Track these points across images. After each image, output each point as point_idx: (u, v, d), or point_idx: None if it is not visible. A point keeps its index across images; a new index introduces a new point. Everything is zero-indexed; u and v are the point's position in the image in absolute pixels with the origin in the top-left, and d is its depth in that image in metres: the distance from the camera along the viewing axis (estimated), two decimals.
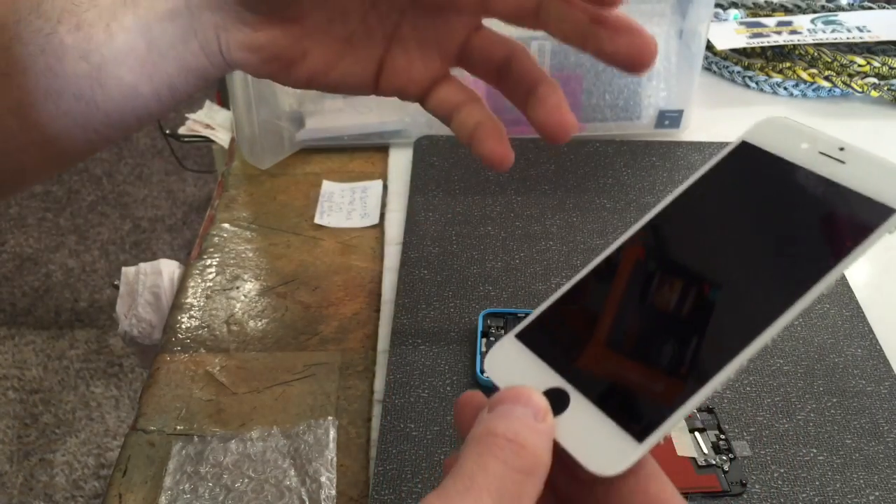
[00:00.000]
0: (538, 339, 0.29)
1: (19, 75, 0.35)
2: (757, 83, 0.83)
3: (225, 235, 0.65)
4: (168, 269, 0.64)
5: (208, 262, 0.63)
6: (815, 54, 0.82)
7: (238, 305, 0.59)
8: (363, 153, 0.74)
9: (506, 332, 0.40)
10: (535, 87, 0.38)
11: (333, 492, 0.46)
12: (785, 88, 0.81)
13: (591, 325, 0.29)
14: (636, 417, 0.26)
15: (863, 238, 0.27)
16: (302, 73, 0.37)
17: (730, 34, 0.85)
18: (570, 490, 0.27)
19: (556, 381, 0.28)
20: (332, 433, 0.49)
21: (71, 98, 0.35)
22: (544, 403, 0.26)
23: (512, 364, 0.29)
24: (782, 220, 0.28)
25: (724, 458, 0.47)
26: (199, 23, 0.35)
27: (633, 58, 0.33)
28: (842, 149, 0.29)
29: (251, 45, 0.35)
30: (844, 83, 0.80)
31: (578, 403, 0.27)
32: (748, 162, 0.30)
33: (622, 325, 0.28)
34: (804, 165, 0.29)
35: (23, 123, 0.35)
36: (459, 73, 0.43)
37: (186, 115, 0.85)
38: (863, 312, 0.57)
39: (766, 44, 0.83)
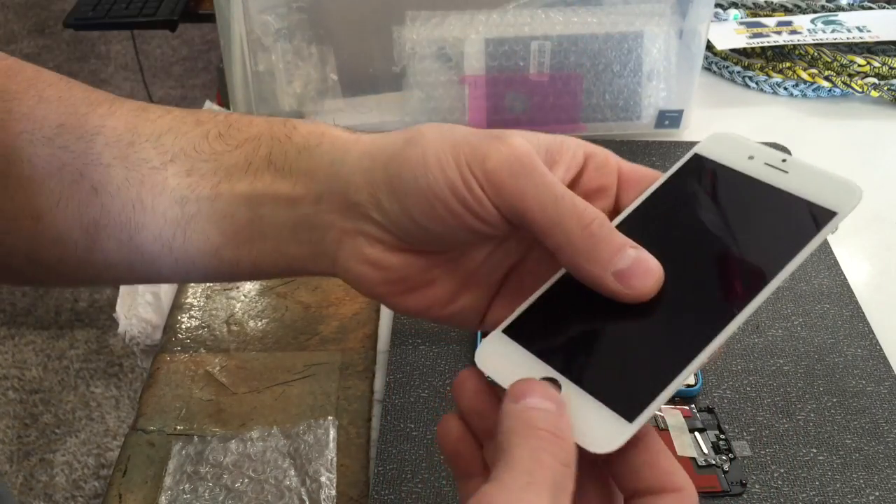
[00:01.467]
0: (525, 333, 0.31)
1: (107, 196, 0.33)
2: (757, 83, 0.83)
3: None
4: None
5: None
6: (815, 54, 0.82)
7: (238, 305, 0.59)
8: None
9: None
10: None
11: (333, 492, 0.46)
12: (785, 88, 0.81)
13: (574, 317, 0.31)
14: (625, 399, 0.27)
15: (810, 237, 0.29)
16: (420, 302, 0.34)
17: (730, 34, 0.85)
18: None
19: (545, 371, 0.29)
20: (332, 433, 0.49)
21: (149, 235, 0.34)
22: (561, 397, 0.27)
23: (502, 358, 0.31)
24: (738, 221, 0.31)
25: (724, 458, 0.47)
26: (321, 220, 0.33)
27: None
28: (784, 160, 0.32)
29: (378, 263, 0.33)
30: (844, 83, 0.80)
31: (569, 390, 0.28)
32: (701, 172, 0.34)
33: (602, 316, 0.30)
34: (752, 175, 0.32)
35: (90, 244, 0.34)
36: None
37: None
38: (863, 312, 0.57)
39: (766, 44, 0.83)
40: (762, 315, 0.57)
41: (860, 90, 0.79)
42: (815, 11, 0.89)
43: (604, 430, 0.27)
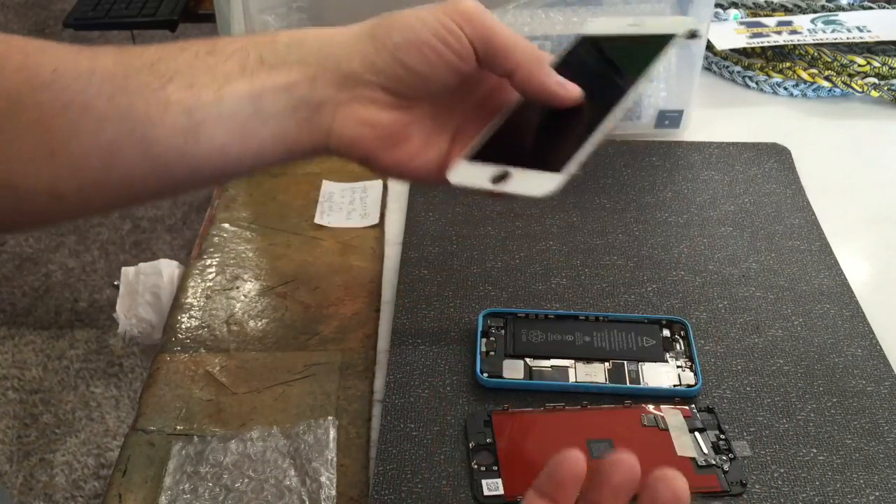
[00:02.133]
0: (480, 153, 0.44)
1: (117, 120, 0.37)
2: (757, 83, 0.83)
3: (225, 235, 0.65)
4: (168, 269, 0.64)
5: (208, 262, 0.63)
6: (816, 54, 0.82)
7: (238, 305, 0.59)
8: None
9: (506, 333, 0.53)
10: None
11: (333, 492, 0.46)
12: (785, 88, 0.81)
13: (512, 132, 0.44)
14: (554, 162, 0.41)
15: (661, 49, 0.45)
16: (399, 157, 0.43)
17: (730, 34, 0.85)
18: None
19: (498, 169, 0.42)
20: (332, 433, 0.49)
21: (162, 147, 0.38)
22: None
23: (467, 171, 0.43)
24: (618, 56, 0.48)
25: (724, 458, 0.47)
26: (317, 96, 0.39)
27: None
28: (636, 21, 0.48)
29: (372, 121, 0.41)
30: (844, 83, 0.80)
31: (517, 172, 0.41)
32: (590, 42, 0.49)
33: (532, 124, 0.45)
34: (620, 33, 0.49)
35: (108, 164, 0.38)
36: None
37: None
38: (863, 312, 0.57)
39: (766, 44, 0.83)
40: (762, 315, 0.57)
41: (860, 90, 0.80)
42: (815, 11, 0.89)
43: (543, 183, 0.40)
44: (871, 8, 0.90)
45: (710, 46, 0.85)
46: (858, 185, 0.71)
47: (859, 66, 0.81)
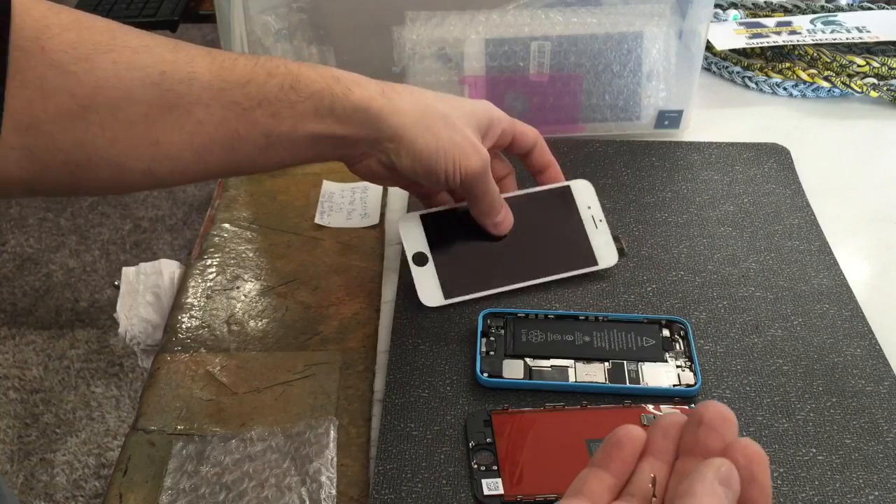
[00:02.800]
0: (428, 219, 0.59)
1: (211, 126, 0.46)
2: (756, 83, 0.83)
3: (225, 235, 0.65)
4: (168, 269, 0.64)
5: (209, 262, 0.63)
6: (815, 55, 0.82)
7: (238, 305, 0.59)
8: None
9: (506, 333, 0.55)
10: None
11: (333, 491, 0.47)
12: (784, 89, 0.82)
13: (453, 227, 0.59)
14: (452, 285, 0.57)
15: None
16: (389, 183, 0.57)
17: (729, 34, 0.85)
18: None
19: (424, 247, 0.58)
20: (332, 433, 0.50)
21: (239, 155, 0.48)
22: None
23: (411, 229, 0.58)
24: (555, 224, 0.61)
25: None
26: (357, 146, 0.51)
27: None
28: (600, 220, 0.61)
29: (377, 174, 0.53)
30: (844, 83, 0.80)
31: (430, 263, 0.57)
32: (558, 193, 0.61)
33: (470, 235, 0.58)
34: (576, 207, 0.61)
35: (198, 159, 0.47)
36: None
37: None
38: (862, 312, 0.57)
39: (765, 44, 0.83)
40: (762, 315, 0.57)
41: (859, 90, 0.80)
42: (814, 12, 0.89)
43: (433, 295, 0.56)
44: (870, 8, 0.90)
45: (709, 47, 0.85)
46: (858, 185, 0.71)
47: (858, 66, 0.81)
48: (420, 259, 0.57)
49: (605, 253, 0.59)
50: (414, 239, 0.57)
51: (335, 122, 0.49)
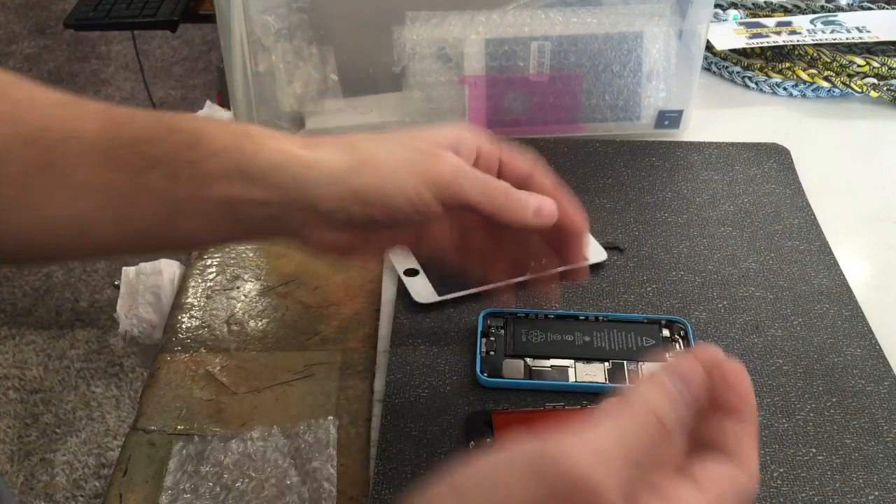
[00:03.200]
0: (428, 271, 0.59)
1: (95, 193, 0.39)
2: (756, 83, 0.83)
3: None
4: (168, 269, 0.64)
5: (209, 261, 0.63)
6: (815, 55, 0.82)
7: (238, 305, 0.59)
8: None
9: (506, 333, 0.55)
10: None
11: (334, 491, 0.47)
12: (784, 89, 0.82)
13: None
14: (445, 287, 0.57)
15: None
16: (353, 256, 0.45)
17: (729, 34, 0.85)
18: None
19: (415, 263, 0.59)
20: (333, 433, 0.50)
21: (134, 226, 0.40)
22: None
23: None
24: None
25: None
26: (290, 217, 0.41)
27: None
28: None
29: (332, 242, 0.43)
30: (844, 83, 0.80)
31: (422, 274, 0.58)
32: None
33: None
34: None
35: (82, 230, 0.40)
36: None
37: None
38: (862, 312, 0.57)
39: (765, 44, 0.83)
40: (762, 315, 0.57)
41: (859, 90, 0.80)
42: (814, 12, 0.89)
43: (427, 294, 0.57)
44: (870, 8, 0.90)
45: (709, 47, 0.85)
46: (858, 185, 0.71)
47: (858, 66, 0.81)
48: (411, 272, 0.58)
49: (594, 248, 0.60)
50: (402, 259, 0.59)
51: (248, 184, 0.40)
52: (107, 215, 0.39)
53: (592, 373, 0.52)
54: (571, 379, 0.51)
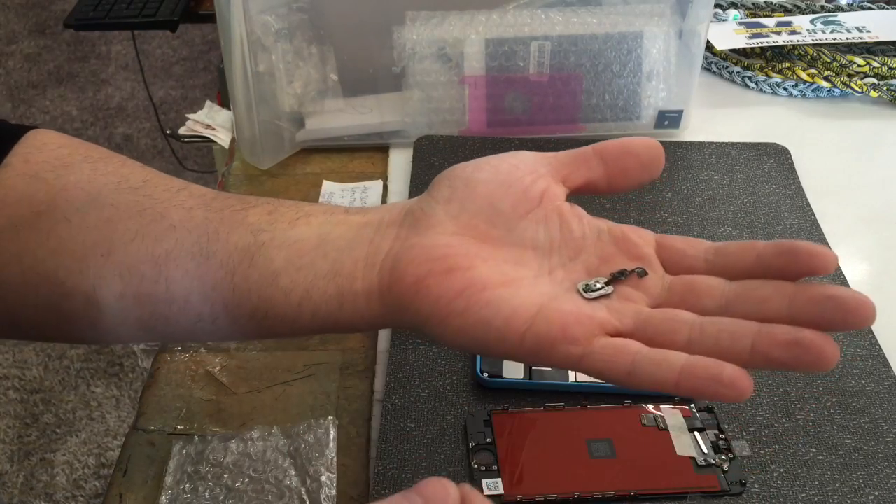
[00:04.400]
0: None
1: (184, 231, 0.37)
2: (756, 83, 0.83)
3: None
4: None
5: None
6: (815, 55, 0.82)
7: None
8: (363, 153, 0.74)
9: None
10: None
11: (333, 491, 0.47)
12: (784, 89, 0.82)
13: None
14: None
15: None
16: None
17: (729, 34, 0.85)
18: None
19: None
20: (332, 433, 0.49)
21: (216, 262, 0.37)
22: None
23: None
24: None
25: (724, 457, 0.47)
26: (381, 234, 0.37)
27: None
28: None
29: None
30: (844, 83, 0.80)
31: None
32: None
33: None
34: None
35: (156, 275, 0.37)
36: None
37: (187, 115, 0.85)
38: None
39: (765, 44, 0.83)
40: None
41: (859, 90, 0.80)
42: (814, 12, 0.89)
43: None
44: (870, 8, 0.90)
45: (709, 47, 0.85)
46: (858, 185, 0.71)
47: (858, 66, 0.81)
48: None
49: None
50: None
51: (349, 212, 0.39)
52: (187, 251, 0.37)
53: None
54: (572, 379, 0.51)
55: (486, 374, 0.51)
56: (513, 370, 0.51)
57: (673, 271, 0.37)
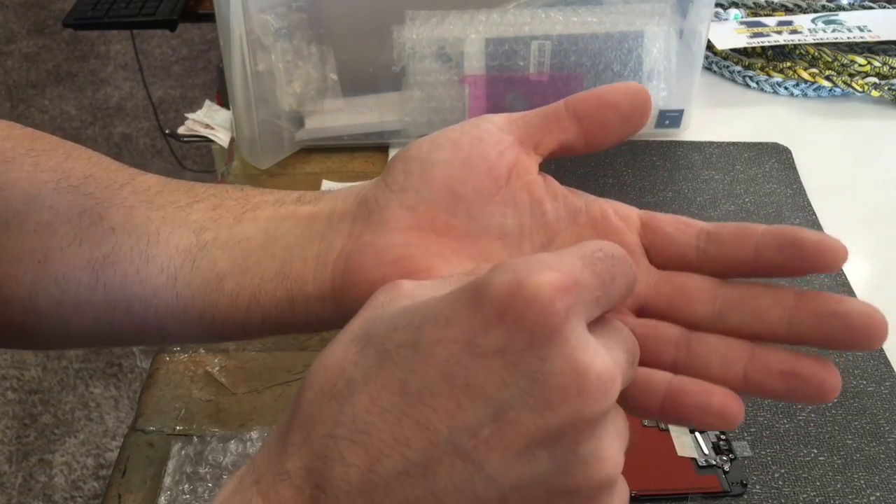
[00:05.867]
0: None
1: (124, 234, 0.35)
2: (757, 83, 0.83)
3: None
4: None
5: None
6: (816, 54, 0.82)
7: None
8: (363, 153, 0.74)
9: None
10: None
11: None
12: (785, 88, 0.81)
13: None
14: None
15: None
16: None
17: (730, 34, 0.85)
18: None
19: None
20: None
21: (157, 266, 0.34)
22: None
23: None
24: None
25: (725, 458, 0.47)
26: (332, 229, 0.34)
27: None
28: None
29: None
30: (845, 83, 0.80)
31: None
32: None
33: None
34: None
35: (93, 281, 0.35)
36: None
37: (186, 115, 0.85)
38: None
39: (766, 43, 0.83)
40: None
41: (861, 90, 0.79)
42: (815, 11, 0.89)
43: None
44: (871, 8, 0.90)
45: (710, 46, 0.84)
46: (859, 184, 0.70)
47: (860, 65, 0.81)
48: None
49: None
50: None
51: (299, 204, 0.37)
52: (126, 254, 0.35)
53: None
54: None
55: None
56: None
57: (660, 260, 0.33)
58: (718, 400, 0.29)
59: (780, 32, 0.84)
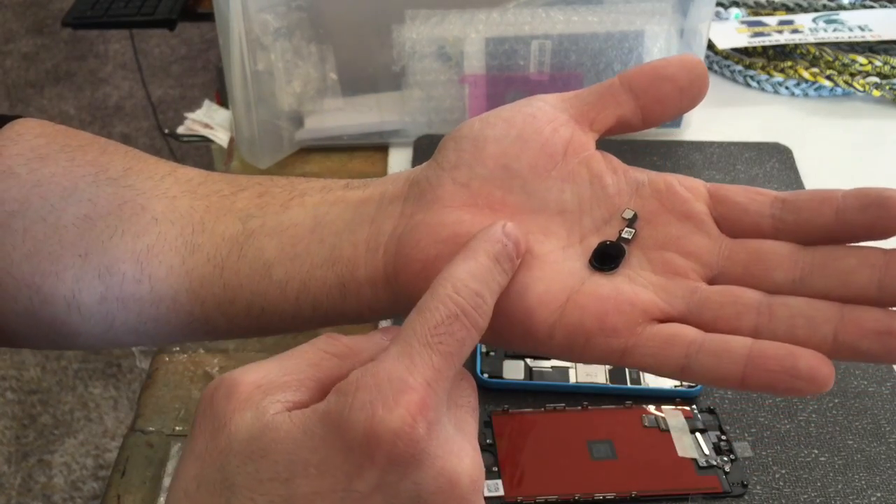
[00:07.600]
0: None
1: (167, 224, 0.34)
2: (758, 82, 0.82)
3: None
4: None
5: None
6: (817, 53, 0.82)
7: None
8: (363, 153, 0.74)
9: None
10: None
11: None
12: (786, 88, 0.81)
13: None
14: None
15: None
16: None
17: (731, 33, 0.85)
18: None
19: None
20: None
21: (203, 256, 0.34)
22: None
23: None
24: None
25: (726, 459, 0.47)
26: (383, 212, 0.33)
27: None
28: None
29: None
30: (846, 82, 0.79)
31: None
32: None
33: None
34: None
35: (138, 273, 0.34)
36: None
37: (185, 114, 0.85)
38: None
39: (767, 43, 0.83)
40: None
41: (862, 89, 0.79)
42: (816, 10, 0.89)
43: None
44: (872, 7, 0.90)
45: (711, 46, 0.84)
46: (860, 184, 0.69)
47: (861, 65, 0.80)
48: None
49: None
50: None
51: (347, 189, 0.36)
52: (170, 244, 0.34)
53: (593, 373, 0.51)
54: (572, 380, 0.51)
55: (485, 375, 0.51)
56: (513, 371, 0.51)
57: (732, 232, 0.30)
58: (806, 363, 0.26)
59: (780, 32, 0.84)
